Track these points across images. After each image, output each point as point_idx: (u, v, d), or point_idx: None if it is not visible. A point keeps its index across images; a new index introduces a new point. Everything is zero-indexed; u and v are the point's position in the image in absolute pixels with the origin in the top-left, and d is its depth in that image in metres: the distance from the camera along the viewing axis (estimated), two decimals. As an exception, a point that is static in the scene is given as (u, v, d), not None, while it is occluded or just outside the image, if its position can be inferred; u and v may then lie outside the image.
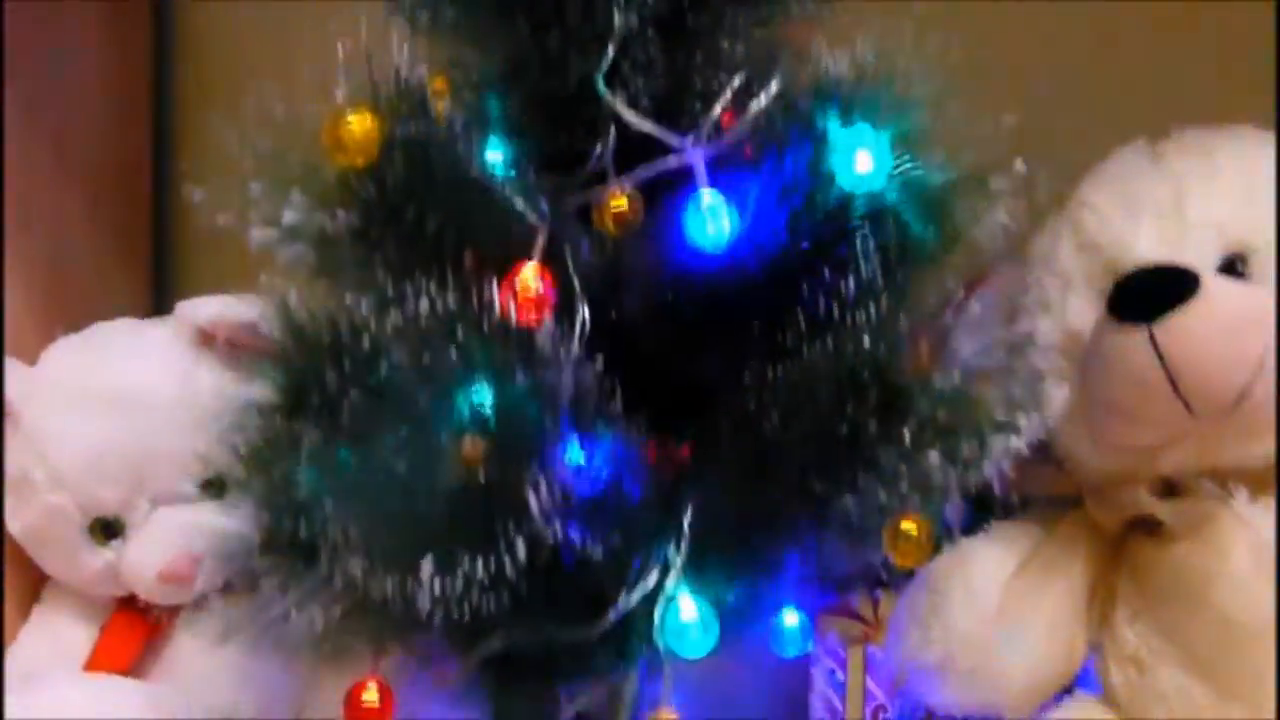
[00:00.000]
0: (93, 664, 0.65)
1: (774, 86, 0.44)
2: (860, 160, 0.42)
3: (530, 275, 0.44)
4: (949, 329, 0.55)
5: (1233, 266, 0.47)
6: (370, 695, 0.46)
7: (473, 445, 0.40)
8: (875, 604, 0.61)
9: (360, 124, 0.42)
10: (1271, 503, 0.46)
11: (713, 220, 0.43)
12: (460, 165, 0.44)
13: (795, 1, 0.46)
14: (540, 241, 0.44)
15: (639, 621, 0.45)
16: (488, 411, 0.43)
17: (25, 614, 0.69)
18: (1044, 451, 0.49)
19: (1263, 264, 0.47)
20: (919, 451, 0.40)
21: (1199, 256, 0.47)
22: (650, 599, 0.45)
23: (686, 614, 0.45)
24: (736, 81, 0.45)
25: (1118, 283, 0.46)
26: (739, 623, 0.47)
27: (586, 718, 0.46)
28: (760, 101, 0.43)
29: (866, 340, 0.40)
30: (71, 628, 0.67)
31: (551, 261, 0.44)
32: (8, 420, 0.65)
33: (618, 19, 0.44)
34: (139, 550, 0.64)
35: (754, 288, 0.44)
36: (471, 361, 0.43)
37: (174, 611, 0.66)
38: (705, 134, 0.44)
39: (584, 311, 0.45)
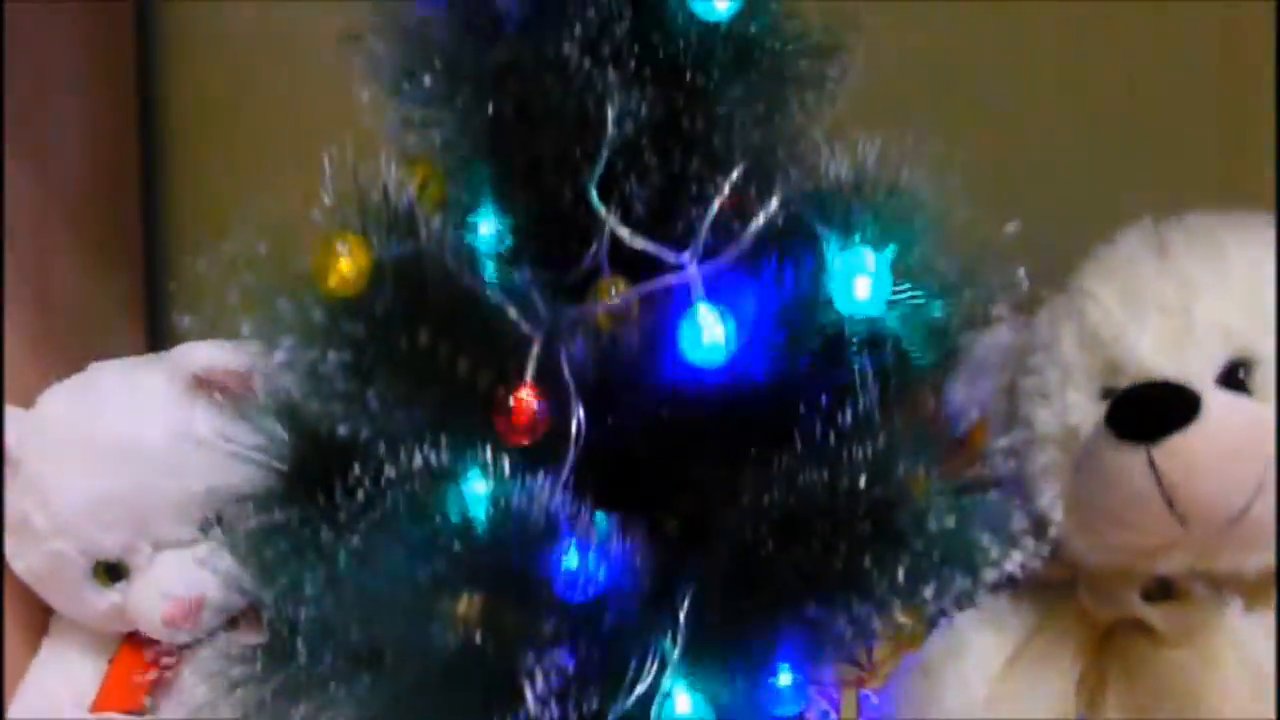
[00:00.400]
0: (101, 703, 0.66)
1: (774, 202, 0.42)
2: (859, 286, 0.41)
3: (524, 397, 0.43)
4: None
5: (1235, 374, 0.46)
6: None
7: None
8: (869, 649, 0.62)
9: (349, 254, 0.41)
10: (1266, 616, 0.46)
11: (709, 336, 0.43)
12: (452, 281, 0.43)
13: (795, 100, 0.45)
14: (534, 355, 0.44)
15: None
16: (481, 517, 0.44)
17: (34, 644, 0.70)
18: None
19: (1265, 373, 0.46)
20: (914, 586, 0.40)
21: (1202, 362, 0.46)
22: (646, 696, 0.46)
23: (682, 709, 0.46)
24: (729, 187, 0.44)
25: (1117, 398, 0.46)
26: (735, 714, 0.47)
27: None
28: (760, 220, 0.42)
29: (863, 480, 0.40)
30: (81, 660, 0.69)
31: (545, 366, 0.44)
32: (8, 466, 0.65)
33: (611, 129, 0.43)
34: (142, 594, 0.65)
35: (749, 406, 0.44)
36: (465, 470, 0.44)
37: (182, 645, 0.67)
38: (702, 246, 0.43)
39: (579, 416, 0.45)
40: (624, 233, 0.43)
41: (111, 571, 0.65)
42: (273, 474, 0.49)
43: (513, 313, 0.44)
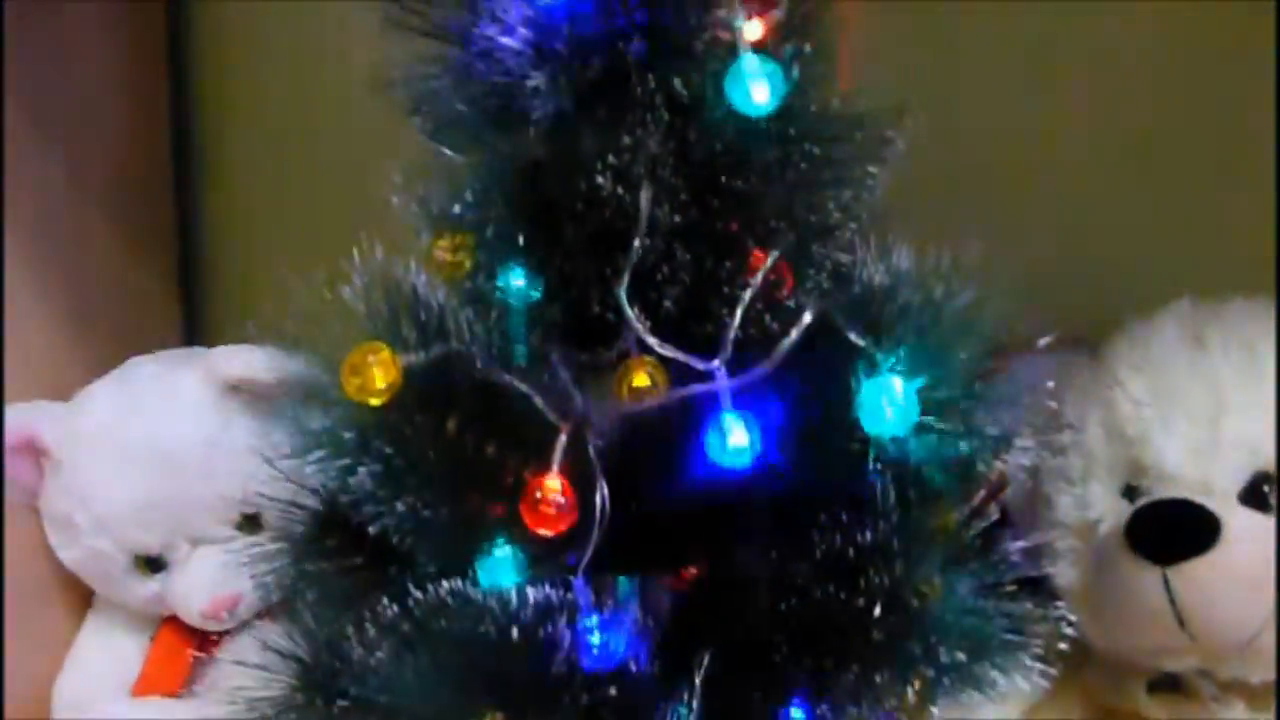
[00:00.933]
0: (143, 686, 0.69)
1: (807, 316, 0.42)
2: (887, 410, 0.41)
3: (551, 488, 0.44)
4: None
5: (1259, 489, 0.46)
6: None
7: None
8: None
9: (379, 366, 0.41)
10: (1267, 716, 0.47)
11: (733, 441, 0.43)
12: (482, 377, 0.44)
13: (833, 200, 0.44)
14: (560, 444, 0.44)
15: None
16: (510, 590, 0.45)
17: (78, 616, 0.73)
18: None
19: (1288, 488, 0.46)
20: (923, 704, 0.42)
21: (1226, 476, 0.46)
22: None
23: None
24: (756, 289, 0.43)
25: (1138, 512, 0.46)
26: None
27: None
28: (793, 335, 0.42)
29: (879, 607, 0.41)
30: (124, 635, 0.71)
31: (571, 454, 0.45)
32: (49, 464, 0.67)
33: (642, 231, 0.43)
34: (182, 587, 0.67)
35: (770, 508, 0.44)
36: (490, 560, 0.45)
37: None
38: (731, 348, 0.43)
39: (603, 500, 0.45)
40: (652, 341, 0.43)
41: (151, 564, 0.68)
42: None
43: (540, 402, 0.45)
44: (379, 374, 0.41)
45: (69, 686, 0.70)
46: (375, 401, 0.41)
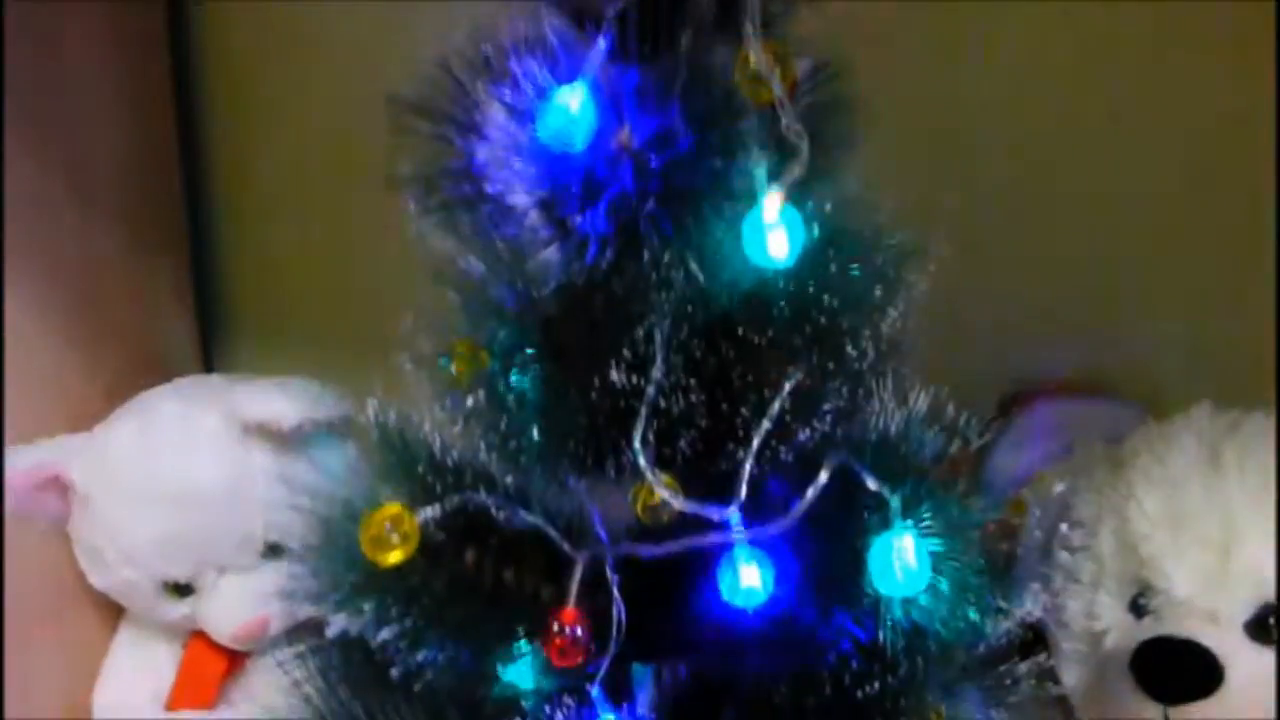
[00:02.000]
0: (176, 701, 0.72)
1: (824, 475, 0.42)
2: (898, 570, 0.42)
3: (567, 619, 0.45)
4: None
5: (1265, 622, 0.47)
6: None
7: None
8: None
9: (397, 529, 0.42)
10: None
11: (747, 586, 0.44)
12: (500, 524, 0.44)
13: (850, 353, 0.43)
14: (576, 578, 0.45)
15: None
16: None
17: (111, 623, 0.76)
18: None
19: (1294, 624, 0.47)
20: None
21: (1233, 606, 0.47)
22: None
23: None
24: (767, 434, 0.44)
25: (1143, 647, 0.47)
26: None
27: None
28: (809, 495, 0.42)
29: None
30: (156, 646, 0.74)
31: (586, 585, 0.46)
32: (76, 497, 0.68)
33: (657, 379, 0.43)
34: (212, 612, 0.69)
35: (782, 645, 0.45)
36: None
37: (249, 646, 0.73)
38: (744, 497, 0.44)
39: (620, 622, 0.47)
40: (665, 493, 0.43)
41: (180, 589, 0.69)
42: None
43: (555, 535, 0.45)
44: (398, 544, 0.42)
45: (106, 698, 0.73)
46: (395, 560, 0.42)
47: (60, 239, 0.70)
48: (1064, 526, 0.52)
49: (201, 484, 0.66)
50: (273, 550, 0.69)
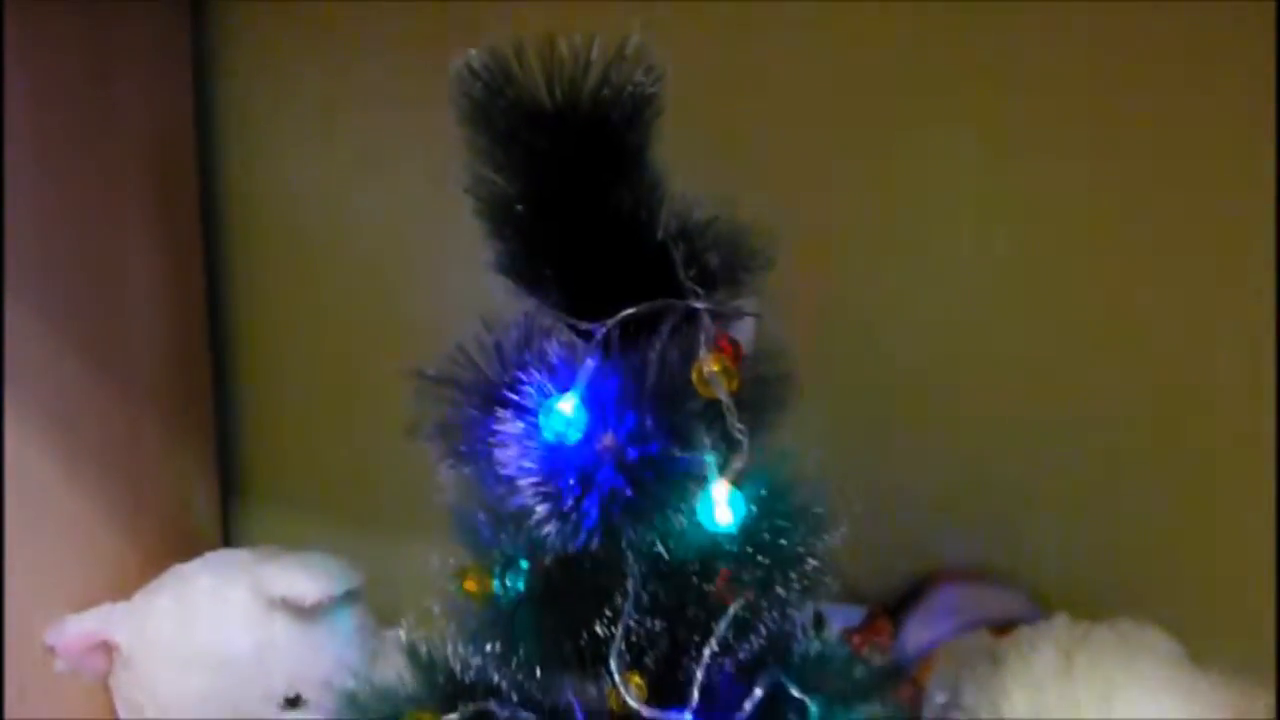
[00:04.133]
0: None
1: (758, 690, 0.54)
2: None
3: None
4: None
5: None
6: None
7: None
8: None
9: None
10: None
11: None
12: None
13: (780, 588, 0.56)
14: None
15: None
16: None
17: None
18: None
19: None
20: None
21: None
22: None
23: None
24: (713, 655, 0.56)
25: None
26: None
27: None
28: (748, 706, 0.54)
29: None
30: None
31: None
32: (119, 658, 0.79)
33: (623, 624, 0.54)
34: (240, 759, 0.80)
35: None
36: None
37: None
38: (696, 702, 0.55)
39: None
40: (634, 702, 0.55)
41: (210, 739, 0.80)
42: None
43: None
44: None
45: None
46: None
47: (109, 426, 0.81)
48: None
49: (231, 650, 0.77)
50: (291, 703, 0.80)
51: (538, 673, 0.55)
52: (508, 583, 0.57)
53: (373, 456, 0.94)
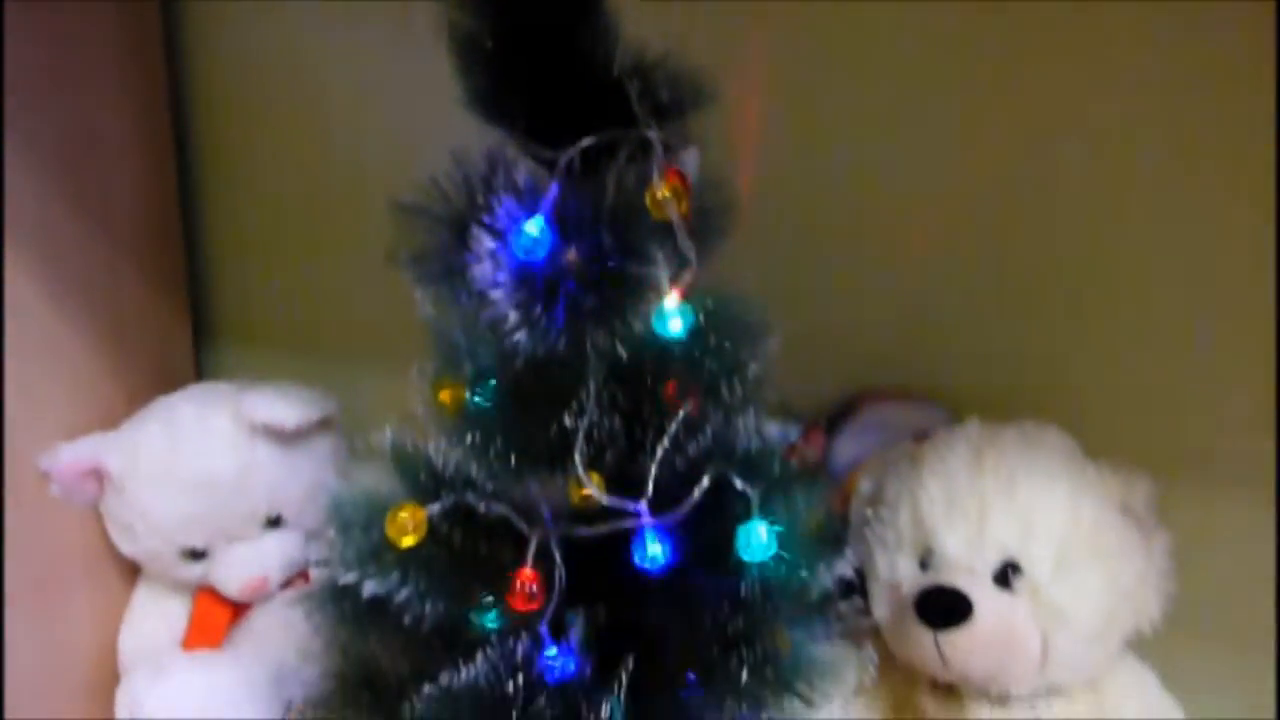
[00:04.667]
0: (190, 641, 0.89)
1: (705, 480, 0.62)
2: (755, 545, 0.62)
3: (525, 577, 0.64)
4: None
5: (1005, 574, 0.68)
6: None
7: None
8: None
9: (409, 517, 0.60)
10: (1004, 710, 0.70)
11: (652, 555, 0.63)
12: (479, 514, 0.63)
13: (725, 395, 0.63)
14: (532, 549, 0.64)
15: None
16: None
17: (132, 582, 0.93)
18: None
19: (1024, 577, 0.67)
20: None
21: (984, 563, 0.67)
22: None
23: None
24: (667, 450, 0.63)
25: (921, 594, 0.67)
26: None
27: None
28: (695, 494, 0.62)
29: (749, 657, 0.62)
30: (171, 600, 0.91)
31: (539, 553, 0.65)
32: (110, 484, 0.84)
33: (590, 413, 0.61)
34: (221, 573, 0.86)
35: (680, 593, 0.65)
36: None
37: (247, 596, 0.90)
38: (650, 492, 0.63)
39: (561, 579, 0.66)
40: (594, 491, 0.62)
41: (195, 554, 0.86)
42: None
43: (518, 522, 0.64)
44: (415, 530, 0.60)
45: (130, 643, 0.90)
46: (410, 541, 0.61)
47: (91, 269, 0.86)
48: (872, 510, 0.73)
49: (216, 473, 0.83)
50: (272, 523, 0.86)
51: (512, 462, 0.61)
52: (479, 392, 0.63)
53: (341, 296, 0.99)
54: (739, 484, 0.63)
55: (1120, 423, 0.80)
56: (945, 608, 0.66)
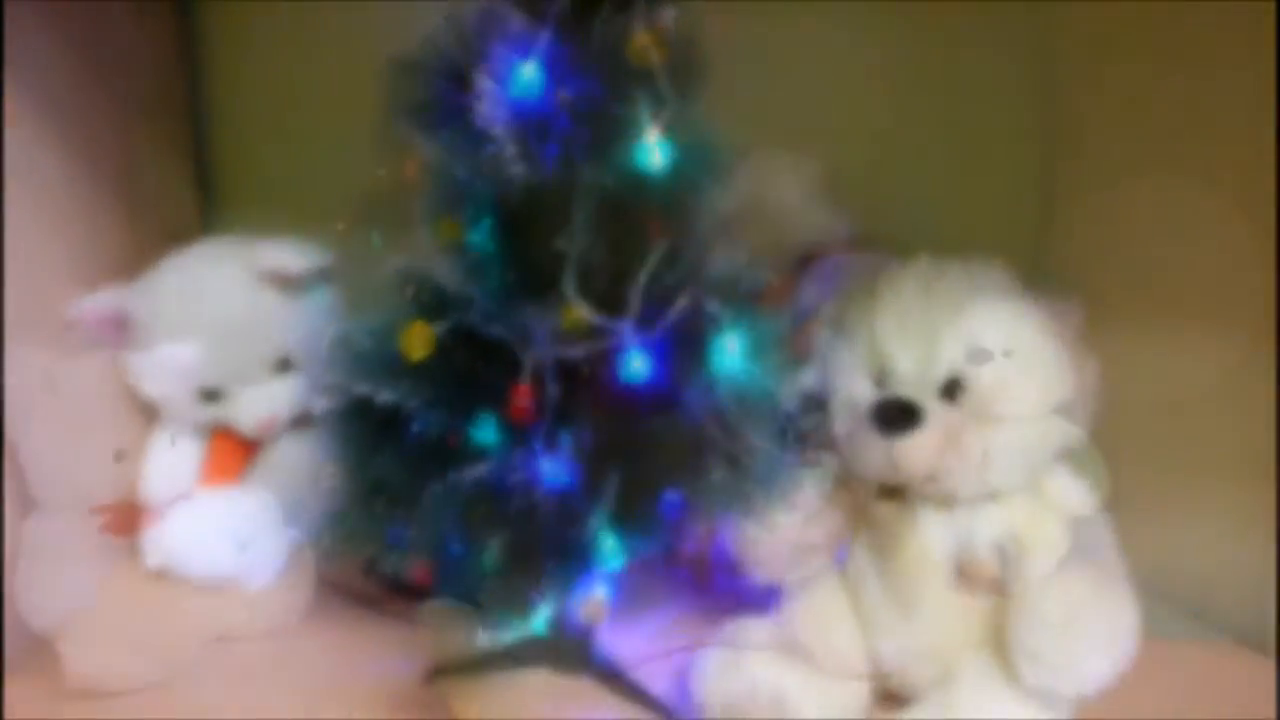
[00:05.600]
0: (209, 477, 0.96)
1: (683, 301, 0.69)
2: (728, 355, 0.70)
3: (521, 393, 0.72)
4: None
5: (951, 389, 0.76)
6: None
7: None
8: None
9: (419, 333, 0.68)
10: (949, 512, 0.79)
11: (634, 369, 0.71)
12: (478, 330, 0.70)
13: (699, 226, 0.70)
14: (527, 368, 0.72)
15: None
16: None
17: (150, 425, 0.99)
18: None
19: (968, 389, 0.76)
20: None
21: (933, 380, 0.76)
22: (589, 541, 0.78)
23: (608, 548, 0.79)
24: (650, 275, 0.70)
25: (876, 404, 0.75)
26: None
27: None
28: (673, 312, 0.69)
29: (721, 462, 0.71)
30: (188, 440, 0.98)
31: (534, 373, 0.72)
32: (131, 330, 0.91)
33: (579, 238, 0.68)
34: (236, 413, 0.93)
35: (661, 405, 0.73)
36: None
37: (258, 435, 0.97)
38: (635, 312, 0.70)
39: (553, 395, 0.73)
40: (587, 313, 0.69)
41: (210, 395, 0.93)
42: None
43: (515, 344, 0.72)
44: (424, 345, 0.67)
45: (152, 482, 0.97)
46: (419, 356, 0.68)
47: (109, 134, 0.92)
48: (833, 337, 0.81)
49: (229, 319, 0.90)
50: (282, 365, 0.93)
51: (508, 288, 0.69)
52: (476, 229, 0.69)
53: (339, 156, 1.05)
54: (711, 306, 0.70)
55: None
56: (898, 415, 0.74)
